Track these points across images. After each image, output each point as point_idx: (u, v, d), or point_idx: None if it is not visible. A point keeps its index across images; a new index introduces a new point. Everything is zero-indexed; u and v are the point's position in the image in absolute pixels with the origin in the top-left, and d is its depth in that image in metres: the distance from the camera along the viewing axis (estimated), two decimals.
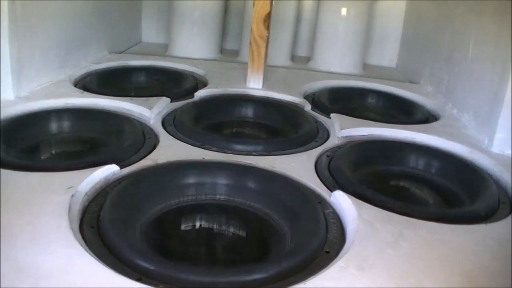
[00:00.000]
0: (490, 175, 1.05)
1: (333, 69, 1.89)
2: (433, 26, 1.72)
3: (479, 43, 1.32)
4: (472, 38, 1.36)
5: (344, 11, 1.88)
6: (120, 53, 1.85)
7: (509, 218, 0.87)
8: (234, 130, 1.29)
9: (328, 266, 0.67)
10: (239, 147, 1.05)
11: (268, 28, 1.40)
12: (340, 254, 0.71)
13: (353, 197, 0.85)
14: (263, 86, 1.49)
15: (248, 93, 1.45)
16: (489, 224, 0.84)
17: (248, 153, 1.03)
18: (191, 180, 0.90)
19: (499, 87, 1.15)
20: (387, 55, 2.17)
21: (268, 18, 1.39)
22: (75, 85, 1.40)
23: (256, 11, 1.39)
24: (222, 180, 0.91)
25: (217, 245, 0.84)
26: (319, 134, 1.20)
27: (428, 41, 1.76)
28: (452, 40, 1.52)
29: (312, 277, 0.64)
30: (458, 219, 0.84)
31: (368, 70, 2.03)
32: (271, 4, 1.39)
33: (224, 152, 1.03)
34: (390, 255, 0.71)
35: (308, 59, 2.06)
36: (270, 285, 0.64)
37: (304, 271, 0.67)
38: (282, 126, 1.28)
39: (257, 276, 0.64)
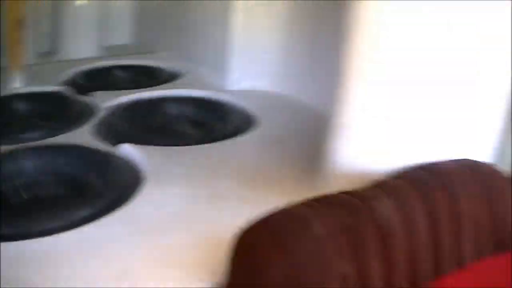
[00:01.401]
0: (232, 105, 1.39)
1: (77, 56, 1.99)
2: None
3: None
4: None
5: None
6: None
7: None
8: None
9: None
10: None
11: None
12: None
13: (135, 145, 1.10)
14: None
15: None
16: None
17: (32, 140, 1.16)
18: None
19: (221, 36, 1.47)
20: (124, 33, 2.31)
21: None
22: None
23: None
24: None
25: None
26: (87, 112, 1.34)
27: (159, 12, 1.96)
28: (180, 6, 1.76)
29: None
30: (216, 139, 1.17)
31: (110, 50, 2.15)
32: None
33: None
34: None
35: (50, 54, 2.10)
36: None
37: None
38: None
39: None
